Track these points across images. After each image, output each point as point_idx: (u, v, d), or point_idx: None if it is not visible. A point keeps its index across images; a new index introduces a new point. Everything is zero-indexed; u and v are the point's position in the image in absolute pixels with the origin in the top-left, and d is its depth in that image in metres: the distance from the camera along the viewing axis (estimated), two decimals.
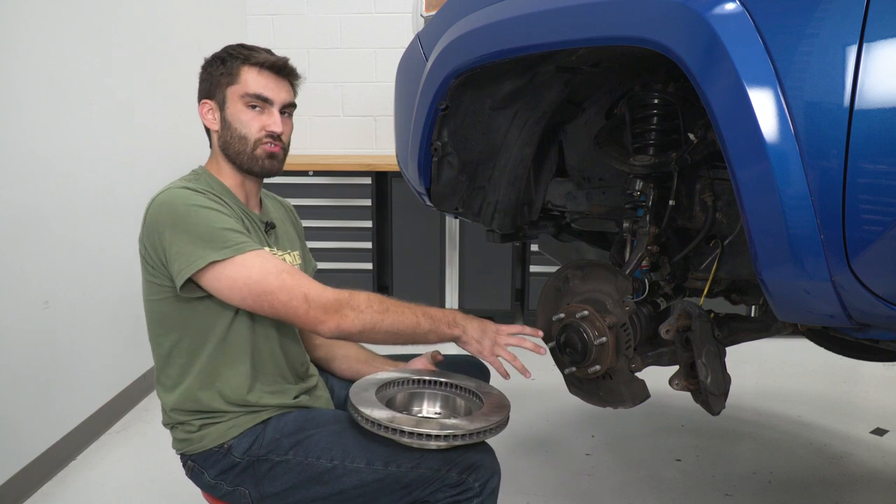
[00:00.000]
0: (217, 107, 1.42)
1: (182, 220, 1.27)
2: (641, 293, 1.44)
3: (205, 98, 1.44)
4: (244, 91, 1.38)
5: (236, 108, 1.39)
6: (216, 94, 1.41)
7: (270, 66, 1.40)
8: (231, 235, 1.27)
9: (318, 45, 3.93)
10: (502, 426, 1.32)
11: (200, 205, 1.29)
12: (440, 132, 1.53)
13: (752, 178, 0.98)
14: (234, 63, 1.39)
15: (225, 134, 1.41)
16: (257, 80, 1.39)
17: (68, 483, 2.12)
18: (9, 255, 1.96)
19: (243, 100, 1.38)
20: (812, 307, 1.03)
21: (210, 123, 1.43)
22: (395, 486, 1.28)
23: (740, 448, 2.39)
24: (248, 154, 1.40)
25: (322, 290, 1.29)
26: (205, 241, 1.26)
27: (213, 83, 1.41)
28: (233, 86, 1.39)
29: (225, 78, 1.39)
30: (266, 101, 1.39)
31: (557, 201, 1.81)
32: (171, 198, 1.31)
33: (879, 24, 0.88)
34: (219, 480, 1.35)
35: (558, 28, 1.22)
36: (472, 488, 1.27)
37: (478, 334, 1.42)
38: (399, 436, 1.24)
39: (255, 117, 1.39)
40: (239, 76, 1.39)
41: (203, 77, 1.44)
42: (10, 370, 1.97)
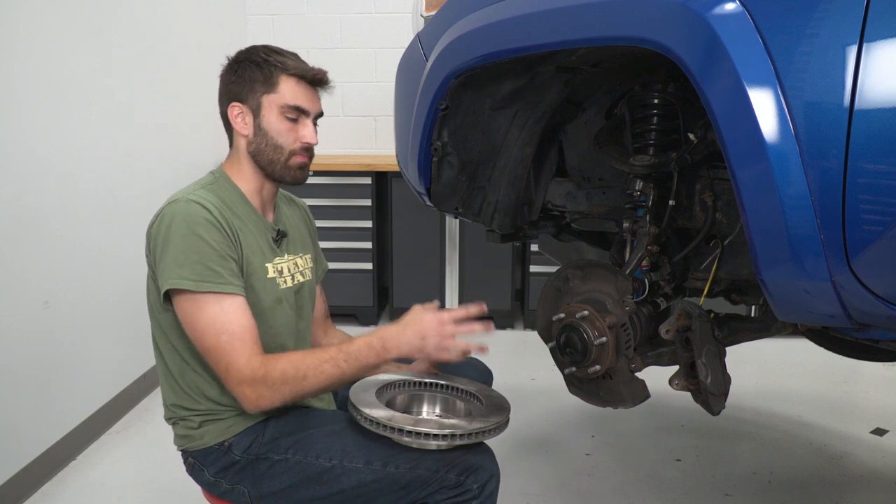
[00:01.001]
0: (250, 112, 1.39)
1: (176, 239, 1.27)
2: (641, 293, 1.44)
3: (235, 101, 1.39)
4: (283, 102, 1.37)
5: (273, 116, 1.37)
6: (249, 99, 1.38)
7: (311, 79, 1.39)
8: (201, 271, 1.25)
9: (318, 45, 3.93)
10: (503, 427, 1.32)
11: (193, 233, 1.27)
12: (440, 132, 1.53)
13: (752, 178, 0.98)
14: (273, 71, 1.36)
15: (259, 141, 1.39)
16: (296, 91, 1.38)
17: (68, 483, 2.12)
18: (9, 255, 1.96)
19: (281, 110, 1.37)
20: (812, 307, 1.03)
21: (240, 128, 1.40)
22: (394, 486, 1.28)
23: (740, 448, 2.39)
24: (281, 164, 1.39)
25: (243, 365, 1.24)
26: (178, 264, 1.26)
27: (247, 88, 1.38)
28: (270, 94, 1.37)
29: (261, 85, 1.37)
30: (303, 112, 1.39)
31: (557, 201, 1.81)
32: (176, 212, 1.29)
33: (879, 24, 0.88)
34: (218, 478, 1.35)
35: (558, 28, 1.22)
36: (471, 490, 1.27)
37: (417, 343, 1.32)
38: (399, 435, 1.24)
39: (292, 128, 1.38)
40: (278, 85, 1.37)
41: (232, 79, 1.40)
42: (10, 370, 1.97)
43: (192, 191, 1.34)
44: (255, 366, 1.24)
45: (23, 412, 2.03)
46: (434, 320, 1.32)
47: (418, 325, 1.32)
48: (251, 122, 1.39)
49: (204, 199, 1.31)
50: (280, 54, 1.39)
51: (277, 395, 1.26)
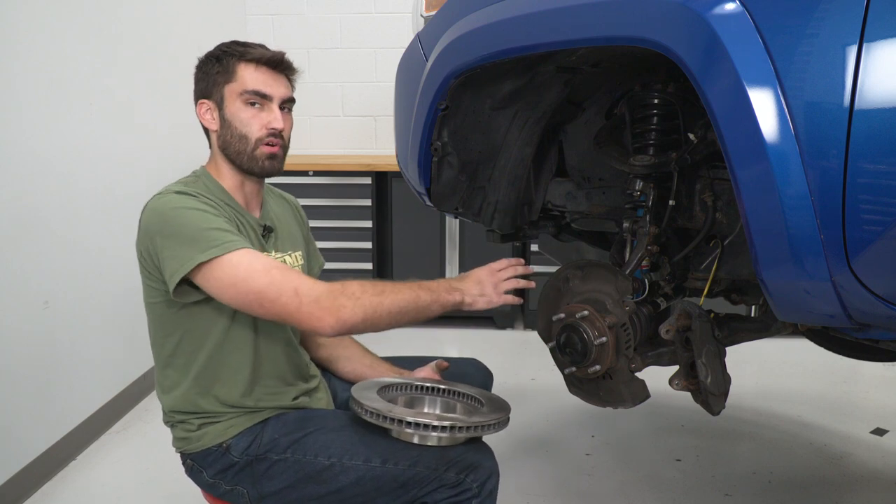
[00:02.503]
0: (215, 106, 1.39)
1: (170, 223, 1.26)
2: (641, 293, 1.44)
3: (202, 98, 1.41)
4: (242, 88, 1.36)
5: (235, 106, 1.37)
6: (213, 92, 1.39)
7: (267, 62, 1.37)
8: (217, 234, 1.25)
9: (318, 45, 3.93)
10: (504, 423, 1.32)
11: (187, 206, 1.28)
12: (440, 132, 1.53)
13: (752, 178, 0.98)
14: (230, 60, 1.37)
15: (224, 133, 1.38)
16: (255, 77, 1.36)
17: (68, 483, 2.12)
18: (9, 255, 1.96)
19: (242, 97, 1.36)
20: (812, 307, 1.03)
21: (208, 123, 1.41)
22: (393, 484, 1.27)
23: (740, 448, 2.39)
24: (248, 154, 1.37)
25: (313, 284, 1.24)
26: (191, 242, 1.24)
27: (210, 82, 1.39)
28: (230, 84, 1.37)
29: (222, 76, 1.37)
30: (265, 97, 1.37)
31: (557, 201, 1.81)
32: (161, 203, 1.30)
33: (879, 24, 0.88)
34: (217, 479, 1.35)
35: (558, 28, 1.22)
36: (471, 489, 1.26)
37: (477, 289, 1.40)
38: (400, 426, 1.24)
39: (255, 115, 1.37)
40: (236, 73, 1.36)
41: (199, 76, 1.42)
42: (10, 370, 1.97)
43: (172, 188, 1.35)
44: (328, 283, 1.25)
45: (23, 412, 2.03)
46: (486, 269, 1.43)
47: (475, 275, 1.42)
48: (217, 116, 1.39)
49: (189, 190, 1.32)
50: (240, 45, 1.39)
51: (358, 307, 1.23)
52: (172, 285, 1.25)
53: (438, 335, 3.59)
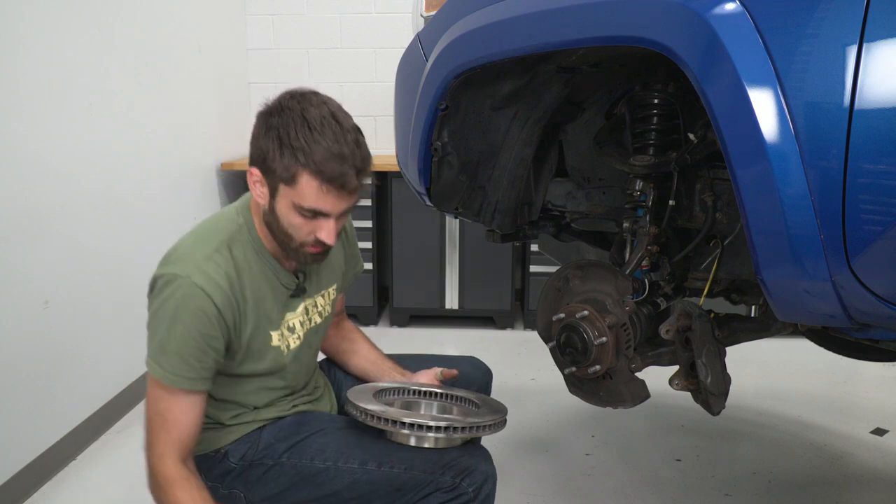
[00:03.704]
0: (266, 187, 1.22)
1: (165, 323, 1.20)
2: (641, 293, 1.45)
3: (254, 165, 1.23)
4: (300, 202, 1.19)
5: (286, 208, 1.21)
6: (267, 175, 1.21)
7: (339, 185, 1.18)
8: (169, 360, 1.20)
9: (318, 45, 3.93)
10: (500, 425, 1.32)
11: (186, 324, 1.19)
12: (440, 132, 1.53)
13: (752, 178, 0.98)
14: (295, 165, 1.16)
15: (270, 218, 1.25)
16: (317, 196, 1.18)
17: (68, 483, 2.12)
18: (9, 255, 1.96)
19: (295, 206, 1.20)
20: (812, 307, 1.03)
21: (256, 195, 1.25)
22: (388, 488, 1.27)
23: (740, 448, 2.39)
24: (289, 248, 1.27)
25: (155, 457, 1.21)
26: (151, 340, 1.22)
27: (267, 163, 1.19)
28: (288, 186, 1.18)
29: (281, 171, 1.18)
30: (323, 214, 1.22)
31: (557, 201, 1.81)
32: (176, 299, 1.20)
33: (879, 24, 0.88)
34: (215, 483, 1.35)
35: (558, 28, 1.22)
36: (467, 493, 1.25)
37: None
38: (396, 427, 1.24)
39: (307, 224, 1.22)
40: (297, 182, 1.17)
41: (257, 137, 1.22)
42: (10, 370, 1.97)
43: (204, 258, 1.22)
44: (162, 468, 1.20)
45: (23, 412, 2.03)
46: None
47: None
48: (266, 197, 1.23)
49: (212, 279, 1.21)
50: (312, 133, 1.16)
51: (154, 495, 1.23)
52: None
53: (438, 335, 3.59)
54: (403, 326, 3.65)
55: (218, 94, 3.53)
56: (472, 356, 1.68)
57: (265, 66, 3.95)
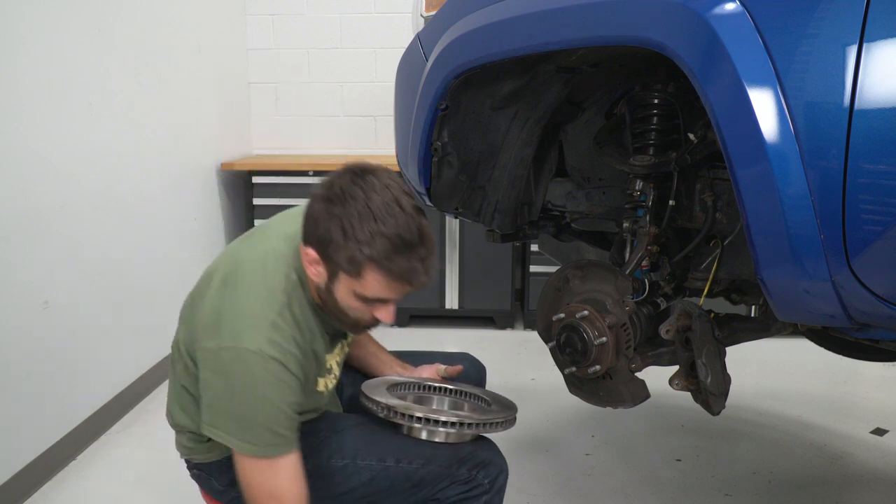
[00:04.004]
0: (325, 270, 1.18)
1: (245, 399, 1.15)
2: (641, 293, 1.45)
3: (311, 246, 1.17)
4: (362, 293, 1.16)
5: (346, 294, 1.18)
6: (326, 261, 1.16)
7: (406, 280, 1.15)
8: (261, 435, 1.16)
9: (318, 45, 3.93)
10: (511, 422, 1.34)
11: (270, 399, 1.15)
12: (440, 132, 1.53)
13: (752, 178, 0.98)
14: (360, 258, 1.12)
15: (326, 297, 1.21)
16: (381, 289, 1.16)
17: (68, 483, 2.12)
18: (9, 255, 1.96)
19: (356, 294, 1.17)
20: (812, 307, 1.03)
21: (311, 274, 1.20)
22: (406, 483, 1.28)
23: (740, 448, 2.39)
24: (346, 325, 1.26)
25: None
26: (235, 421, 1.16)
27: (329, 251, 1.15)
28: (351, 278, 1.15)
29: (345, 263, 1.14)
30: (384, 301, 1.20)
31: (557, 201, 1.81)
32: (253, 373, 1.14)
33: (879, 24, 0.88)
34: (228, 487, 1.34)
35: (558, 28, 1.22)
36: (482, 485, 1.28)
37: None
38: (410, 421, 1.26)
39: (365, 308, 1.20)
40: (362, 276, 1.14)
41: (316, 219, 1.16)
42: (10, 370, 1.97)
43: (269, 328, 1.17)
44: None
45: (23, 412, 2.03)
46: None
47: None
48: (323, 278, 1.19)
49: (285, 349, 1.17)
50: (377, 224, 1.11)
51: None
52: (203, 431, 1.22)
53: (438, 335, 3.59)
54: (403, 326, 3.65)
55: (218, 94, 3.53)
56: (465, 352, 1.70)
57: (265, 66, 3.95)
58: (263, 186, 3.50)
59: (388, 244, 1.11)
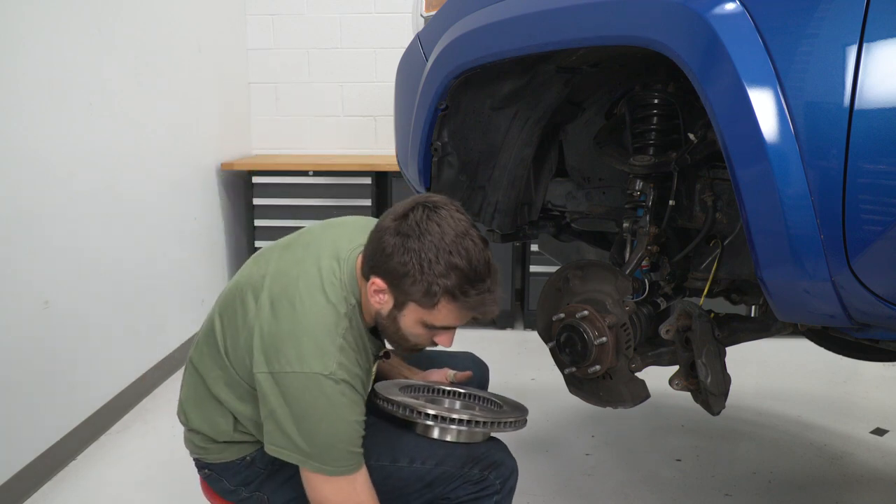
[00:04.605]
0: (391, 299, 1.20)
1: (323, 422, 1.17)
2: (641, 293, 1.45)
3: (379, 276, 1.19)
4: (432, 322, 1.20)
5: (413, 323, 1.21)
6: (396, 290, 1.19)
7: (480, 312, 1.20)
8: (339, 455, 1.18)
9: (318, 45, 3.93)
10: (521, 423, 1.35)
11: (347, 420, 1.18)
12: (440, 132, 1.53)
13: (752, 178, 0.98)
14: (437, 292, 1.15)
15: (388, 324, 1.24)
16: (452, 317, 1.20)
17: (68, 483, 2.12)
18: (9, 256, 1.96)
19: (424, 323, 1.21)
20: (812, 307, 1.03)
21: (374, 303, 1.22)
22: (418, 484, 1.29)
23: (740, 448, 2.39)
24: (402, 348, 1.29)
25: None
26: (311, 445, 1.17)
27: (398, 282, 1.17)
28: (423, 309, 1.19)
29: (417, 295, 1.17)
30: (449, 329, 1.24)
31: (557, 201, 1.81)
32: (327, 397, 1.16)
33: (879, 24, 0.88)
34: (238, 487, 1.34)
35: (558, 28, 1.22)
36: (494, 485, 1.30)
37: None
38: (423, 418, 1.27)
39: (428, 334, 1.24)
40: (436, 308, 1.18)
41: (388, 252, 1.17)
42: (10, 370, 1.97)
43: (335, 349, 1.18)
44: None
45: (23, 412, 2.03)
46: None
47: None
48: (388, 307, 1.21)
49: (352, 371, 1.19)
50: (453, 257, 1.15)
51: None
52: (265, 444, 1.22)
53: None
54: None
55: (218, 94, 3.53)
56: (468, 351, 1.70)
57: (265, 66, 3.95)
58: (263, 186, 3.50)
59: (463, 277, 1.16)
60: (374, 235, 1.21)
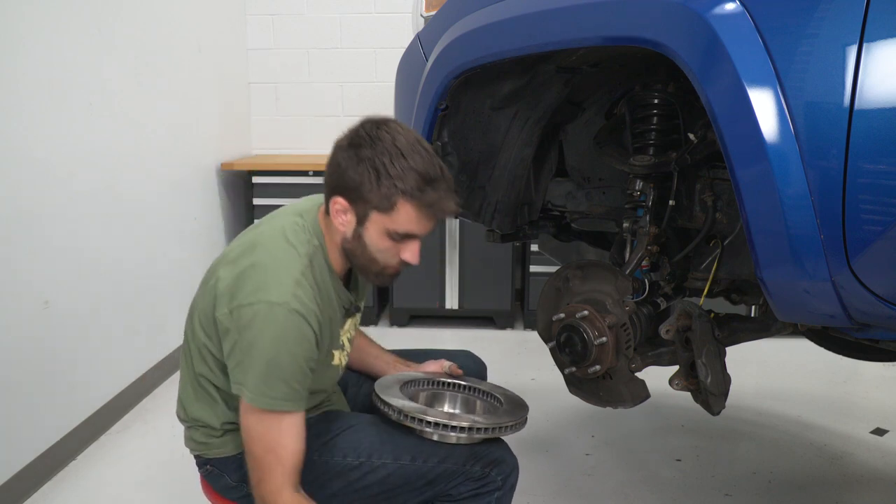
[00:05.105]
0: (353, 215, 1.24)
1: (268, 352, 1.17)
2: (641, 293, 1.45)
3: (338, 195, 1.23)
4: (394, 228, 1.22)
5: (377, 234, 1.23)
6: (357, 204, 1.22)
7: (437, 209, 1.22)
8: (274, 386, 1.18)
9: (318, 45, 3.93)
10: (521, 424, 1.35)
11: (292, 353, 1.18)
12: (440, 132, 1.53)
13: (752, 178, 0.98)
14: (395, 193, 1.18)
15: (354, 246, 1.26)
16: (413, 220, 1.21)
17: (68, 483, 2.12)
18: (9, 256, 1.96)
19: (388, 231, 1.23)
20: (812, 307, 1.03)
21: (338, 224, 1.26)
22: (421, 481, 1.30)
23: (740, 448, 2.39)
24: (372, 273, 1.29)
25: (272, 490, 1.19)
26: (251, 372, 1.18)
27: (357, 191, 1.21)
28: (382, 213, 1.21)
29: (376, 200, 1.20)
30: (413, 237, 1.25)
31: (557, 201, 1.81)
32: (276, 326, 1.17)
33: (879, 24, 0.88)
34: (240, 483, 1.34)
35: (558, 28, 1.22)
36: (495, 482, 1.31)
37: None
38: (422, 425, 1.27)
39: (394, 247, 1.25)
40: (395, 209, 1.20)
41: (345, 168, 1.21)
42: (10, 370, 1.97)
43: (293, 284, 1.20)
44: (282, 499, 1.19)
45: (23, 412, 2.03)
46: None
47: None
48: (352, 225, 1.25)
49: (307, 305, 1.20)
50: (407, 161, 1.19)
51: None
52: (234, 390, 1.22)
53: (438, 335, 3.59)
54: (403, 326, 3.65)
55: (218, 94, 3.53)
56: (465, 350, 1.70)
57: (265, 66, 3.95)
58: (263, 186, 3.50)
59: (419, 178, 1.19)
60: (330, 161, 1.25)
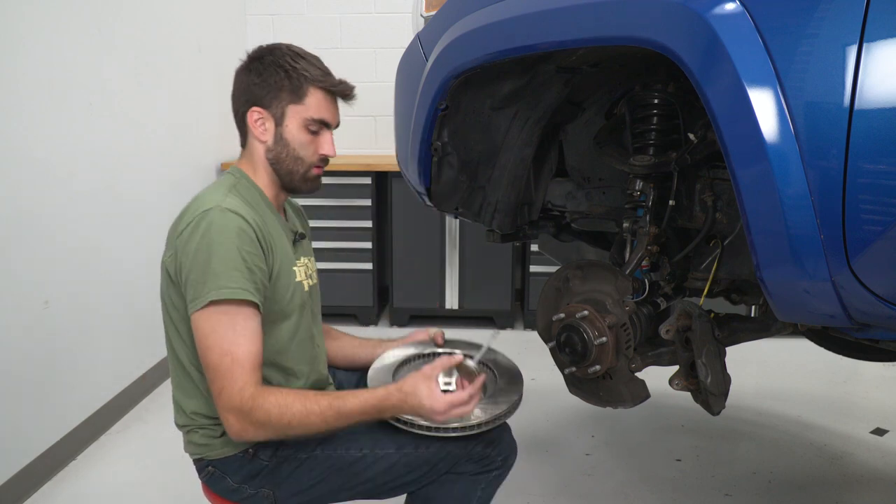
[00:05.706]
0: (272, 119, 1.35)
1: (216, 252, 1.21)
2: (641, 293, 1.44)
3: (255, 106, 1.34)
4: (309, 115, 1.33)
5: (296, 128, 1.34)
6: (272, 105, 1.34)
7: (341, 91, 1.37)
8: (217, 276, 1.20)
9: (318, 45, 3.90)
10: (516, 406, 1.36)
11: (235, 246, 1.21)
12: (440, 132, 1.53)
13: (752, 178, 0.98)
14: (303, 82, 1.32)
15: (279, 150, 1.35)
16: (323, 105, 1.35)
17: (68, 483, 2.12)
18: (9, 255, 1.96)
19: (304, 122, 1.34)
20: (812, 307, 1.03)
21: (259, 134, 1.36)
22: (425, 467, 1.32)
23: (740, 448, 2.39)
24: (300, 175, 1.37)
25: (236, 393, 1.19)
26: (203, 279, 1.20)
27: (271, 94, 1.33)
28: (296, 105, 1.33)
29: (288, 94, 1.32)
30: (326, 125, 1.37)
31: (557, 201, 1.81)
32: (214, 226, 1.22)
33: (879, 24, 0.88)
34: (242, 484, 1.33)
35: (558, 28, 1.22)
36: (495, 461, 1.35)
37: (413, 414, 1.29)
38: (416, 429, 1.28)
39: (312, 140, 1.36)
40: (306, 97, 1.33)
41: (255, 81, 1.34)
42: (10, 370, 1.97)
43: (222, 195, 1.28)
44: (246, 397, 1.19)
45: (23, 412, 2.03)
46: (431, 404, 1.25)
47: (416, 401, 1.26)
48: (272, 130, 1.35)
49: (238, 207, 1.26)
50: (306, 59, 1.35)
51: (260, 434, 1.22)
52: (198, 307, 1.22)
53: None
54: (403, 326, 3.65)
55: (218, 94, 3.52)
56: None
57: None
58: None
59: (320, 67, 1.37)
60: (235, 85, 1.39)
